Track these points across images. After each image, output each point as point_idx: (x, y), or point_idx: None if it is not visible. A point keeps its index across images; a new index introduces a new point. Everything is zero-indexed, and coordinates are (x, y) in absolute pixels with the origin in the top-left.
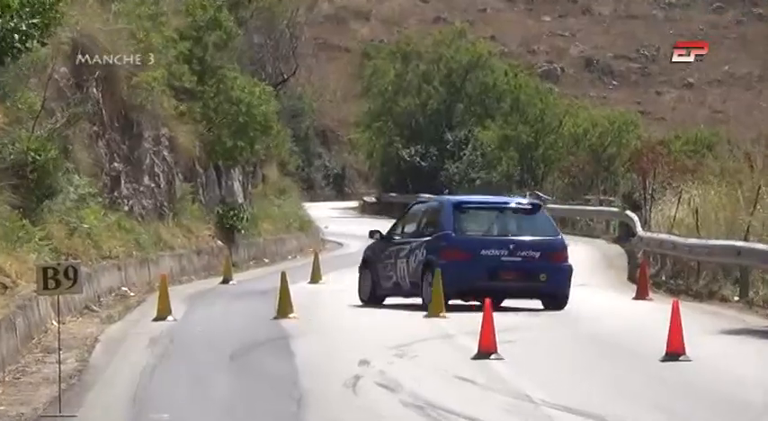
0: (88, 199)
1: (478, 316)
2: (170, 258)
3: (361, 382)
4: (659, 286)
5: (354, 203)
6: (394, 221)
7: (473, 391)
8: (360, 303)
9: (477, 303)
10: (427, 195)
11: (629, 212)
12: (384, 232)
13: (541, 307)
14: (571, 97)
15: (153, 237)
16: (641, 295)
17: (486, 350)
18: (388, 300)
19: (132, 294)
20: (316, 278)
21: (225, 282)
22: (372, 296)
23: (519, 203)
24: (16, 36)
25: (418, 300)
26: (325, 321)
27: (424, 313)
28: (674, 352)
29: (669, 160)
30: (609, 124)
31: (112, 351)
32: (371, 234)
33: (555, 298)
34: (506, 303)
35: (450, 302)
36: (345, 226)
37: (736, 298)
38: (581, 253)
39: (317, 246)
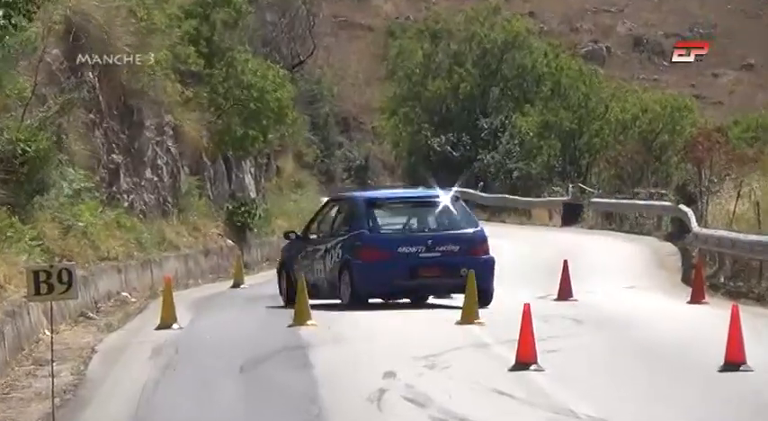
0: (84, 194)
1: (516, 323)
2: (175, 259)
3: (386, 396)
4: (717, 288)
5: None
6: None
7: (511, 406)
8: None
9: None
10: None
11: (682, 206)
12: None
13: (580, 314)
14: (618, 80)
15: (156, 237)
16: (696, 298)
17: (525, 360)
18: (414, 304)
19: (133, 300)
20: None
21: (236, 285)
22: (292, 299)
23: (435, 196)
24: (0, 11)
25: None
26: (347, 329)
27: (456, 320)
28: (734, 361)
29: (727, 149)
30: (660, 109)
31: (111, 363)
32: (286, 234)
33: (478, 293)
34: (545, 310)
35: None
36: None
37: None
38: (629, 251)
39: None
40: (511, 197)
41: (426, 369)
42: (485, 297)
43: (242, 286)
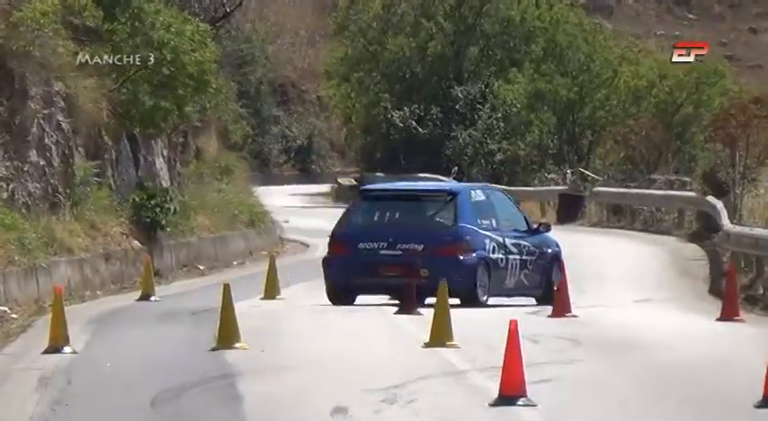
0: None
1: (500, 345)
2: (67, 265)
3: None
4: (754, 302)
5: (326, 187)
6: None
7: None
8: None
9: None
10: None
11: (710, 198)
12: None
13: (581, 333)
14: (629, 37)
15: (43, 237)
16: (728, 314)
17: (511, 392)
18: (370, 319)
19: (14, 316)
20: (271, 292)
21: (144, 297)
22: None
23: (433, 189)
24: None
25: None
26: (286, 352)
27: (424, 341)
28: None
29: None
30: (683, 75)
31: None
32: None
33: (460, 298)
34: (536, 329)
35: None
36: (313, 219)
37: None
38: (643, 255)
39: (274, 249)
40: (493, 186)
41: (386, 404)
42: (466, 301)
43: (152, 298)
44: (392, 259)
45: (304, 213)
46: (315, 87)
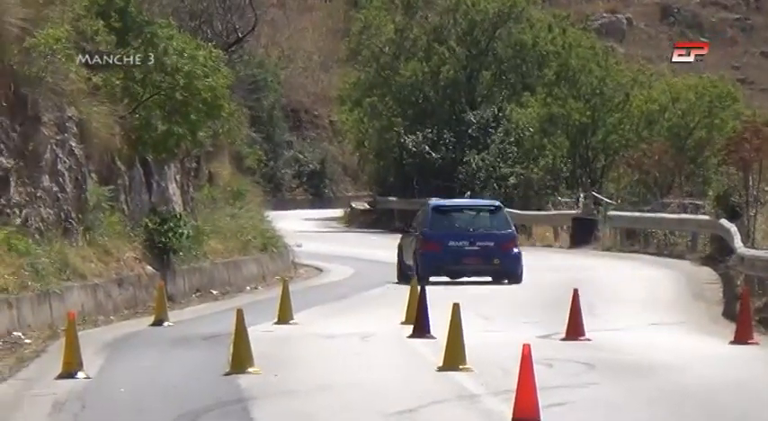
0: None
1: (513, 368)
2: (80, 291)
3: None
4: None
5: (339, 211)
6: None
7: None
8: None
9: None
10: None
11: (724, 221)
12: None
13: (594, 357)
14: (641, 60)
15: (56, 262)
16: (742, 337)
17: (525, 416)
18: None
19: (28, 341)
20: (284, 317)
21: (157, 323)
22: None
23: (485, 205)
24: None
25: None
26: (299, 376)
27: (438, 365)
28: None
29: None
30: (695, 98)
31: None
32: (401, 228)
33: (508, 276)
34: (550, 352)
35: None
36: (326, 244)
37: None
38: (657, 278)
39: (287, 273)
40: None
41: None
42: (514, 279)
43: (165, 324)
44: (473, 252)
45: (317, 238)
46: (327, 112)
